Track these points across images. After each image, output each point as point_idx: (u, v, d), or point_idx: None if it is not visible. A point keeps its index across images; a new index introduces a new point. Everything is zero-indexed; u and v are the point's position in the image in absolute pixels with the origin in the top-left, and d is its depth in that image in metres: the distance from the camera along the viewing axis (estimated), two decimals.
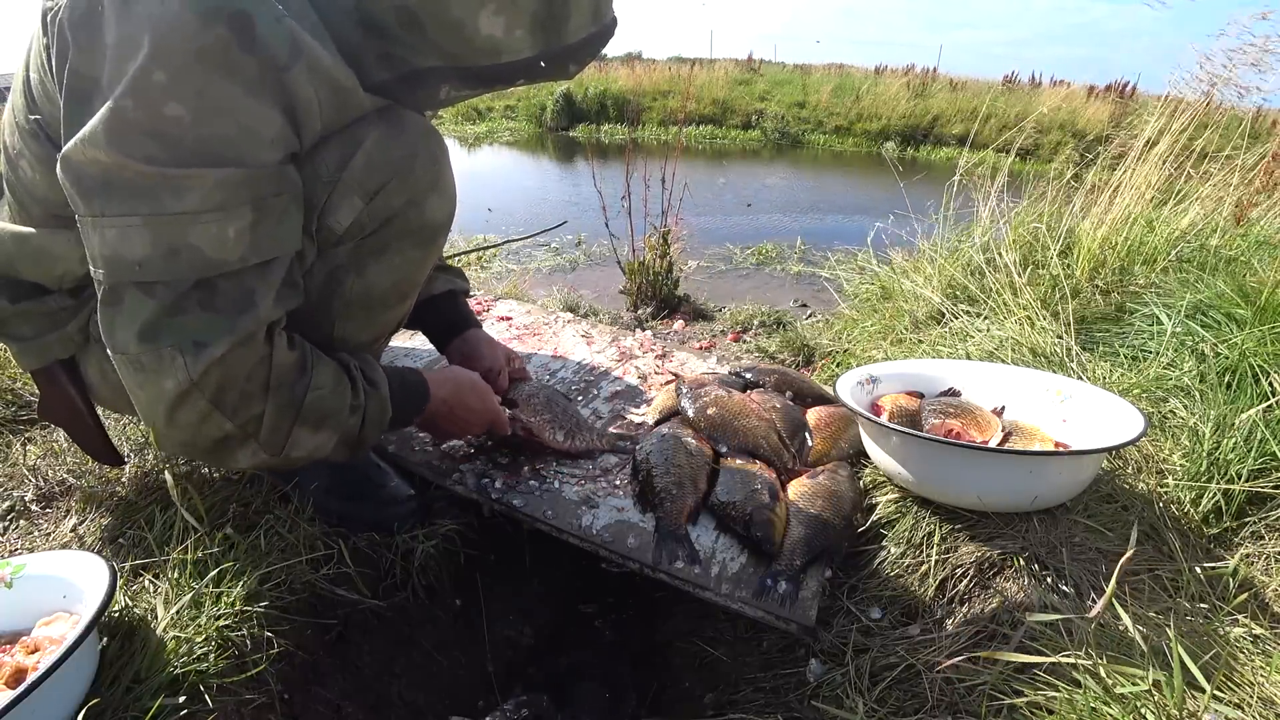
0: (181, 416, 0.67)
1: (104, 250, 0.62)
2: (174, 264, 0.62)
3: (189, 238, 0.62)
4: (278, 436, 0.73)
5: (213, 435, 0.70)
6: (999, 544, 0.93)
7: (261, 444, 0.73)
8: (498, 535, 1.19)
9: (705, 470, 1.10)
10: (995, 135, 3.82)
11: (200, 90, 0.60)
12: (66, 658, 0.59)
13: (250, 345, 0.68)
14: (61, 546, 0.90)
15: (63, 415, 0.92)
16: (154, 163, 0.60)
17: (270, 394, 0.71)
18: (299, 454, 0.76)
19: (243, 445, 0.72)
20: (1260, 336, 1.20)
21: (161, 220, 0.61)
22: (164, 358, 0.64)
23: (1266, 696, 0.66)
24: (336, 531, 0.99)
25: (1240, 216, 1.97)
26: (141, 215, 0.61)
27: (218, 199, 0.62)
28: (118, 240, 0.61)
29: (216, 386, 0.67)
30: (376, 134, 0.75)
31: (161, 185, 0.60)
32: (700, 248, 3.85)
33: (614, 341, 1.68)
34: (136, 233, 0.61)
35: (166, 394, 0.65)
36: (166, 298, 0.63)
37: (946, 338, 1.60)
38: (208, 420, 0.68)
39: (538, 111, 11.05)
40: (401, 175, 0.77)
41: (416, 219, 0.81)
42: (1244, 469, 1.00)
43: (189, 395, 0.66)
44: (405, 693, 1.01)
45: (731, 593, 0.92)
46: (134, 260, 0.62)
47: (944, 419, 1.08)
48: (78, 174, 0.61)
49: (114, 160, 0.59)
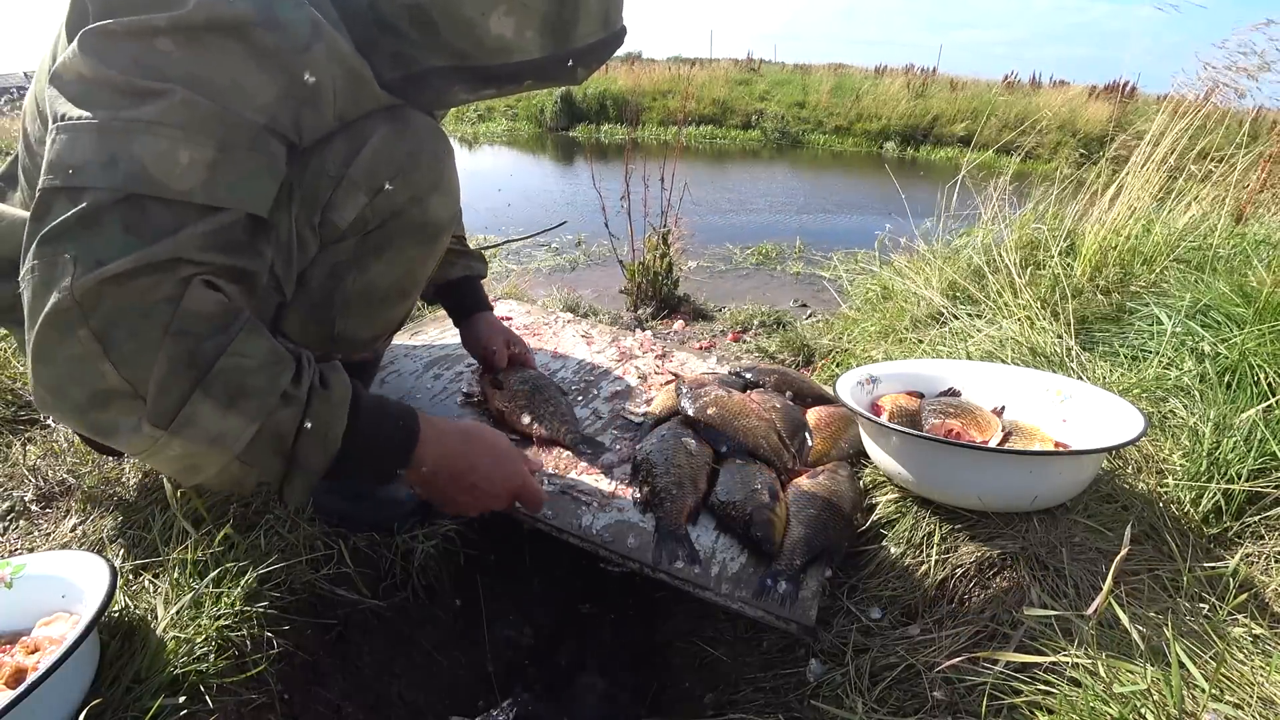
0: (54, 347, 0.55)
1: (50, 157, 0.56)
2: (109, 172, 0.55)
3: (133, 146, 0.55)
4: (167, 399, 0.57)
5: (91, 384, 0.56)
6: (999, 544, 0.93)
7: (149, 409, 0.57)
8: (498, 535, 1.19)
9: (705, 470, 1.10)
10: (995, 135, 3.83)
11: (194, 36, 0.58)
12: (66, 658, 0.59)
13: (156, 276, 0.57)
14: (61, 546, 0.90)
15: None
16: (127, 74, 0.56)
17: (166, 341, 0.57)
18: (193, 433, 0.58)
19: (126, 407, 0.57)
20: (1260, 336, 1.20)
21: (113, 125, 0.56)
22: (56, 265, 0.54)
23: (1266, 696, 0.66)
24: (336, 531, 0.99)
25: (1240, 216, 1.97)
26: (96, 120, 0.55)
27: (179, 116, 0.57)
28: (64, 145, 0.56)
29: (106, 315, 0.54)
30: (383, 131, 0.75)
31: (126, 93, 0.56)
32: (700, 248, 3.85)
33: (614, 341, 1.68)
34: (85, 136, 0.55)
35: (43, 312, 0.54)
36: (88, 205, 0.55)
37: (946, 338, 1.60)
38: (86, 361, 0.55)
39: (538, 112, 11.05)
40: (406, 172, 0.77)
41: (419, 216, 0.81)
42: (1244, 469, 1.00)
43: (68, 316, 0.54)
44: (405, 693, 1.01)
45: (731, 593, 0.92)
46: (70, 164, 0.55)
47: (944, 419, 1.08)
48: (58, 86, 0.57)
49: (92, 71, 0.56)
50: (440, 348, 1.57)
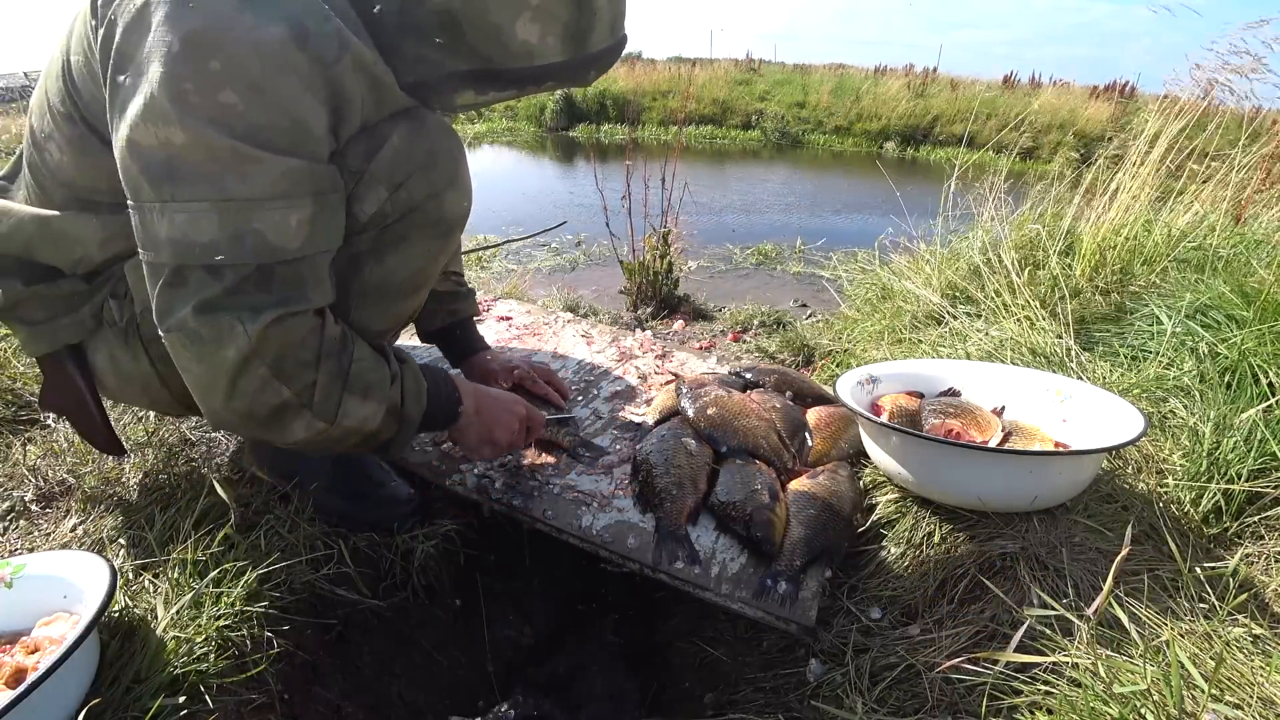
0: (243, 384, 0.69)
1: (172, 234, 0.63)
2: (239, 248, 0.64)
3: (254, 223, 0.64)
4: (330, 404, 0.75)
5: (271, 403, 0.71)
6: (999, 544, 0.93)
7: (315, 412, 0.74)
8: (498, 535, 1.19)
9: (705, 470, 1.10)
10: (995, 136, 3.82)
11: (254, 82, 0.62)
12: (66, 658, 0.60)
13: (301, 316, 0.70)
14: (61, 546, 0.90)
15: (67, 403, 0.91)
16: (212, 142, 0.62)
17: (321, 362, 0.73)
18: (350, 423, 0.77)
19: (298, 414, 0.73)
20: (1260, 336, 1.20)
21: (230, 205, 0.63)
22: (223, 327, 0.66)
23: (1266, 696, 0.66)
24: (336, 531, 0.99)
25: (1239, 216, 1.97)
26: (209, 200, 0.63)
27: (283, 187, 0.65)
28: (187, 224, 0.63)
29: (275, 353, 0.69)
30: (403, 129, 0.79)
31: (229, 169, 0.63)
32: (700, 248, 3.85)
33: (614, 341, 1.68)
34: (205, 217, 0.63)
35: (228, 363, 0.67)
36: (230, 280, 0.65)
37: (946, 338, 1.60)
38: (266, 387, 0.70)
39: (538, 112, 11.05)
40: (424, 169, 0.81)
41: (435, 211, 0.85)
42: (1244, 469, 1.00)
43: (250, 362, 0.67)
44: (405, 693, 1.01)
45: (731, 593, 0.92)
46: (202, 243, 0.63)
47: (944, 419, 1.08)
48: (144, 157, 0.62)
49: (189, 138, 0.61)
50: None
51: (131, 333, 0.83)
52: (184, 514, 0.91)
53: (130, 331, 0.83)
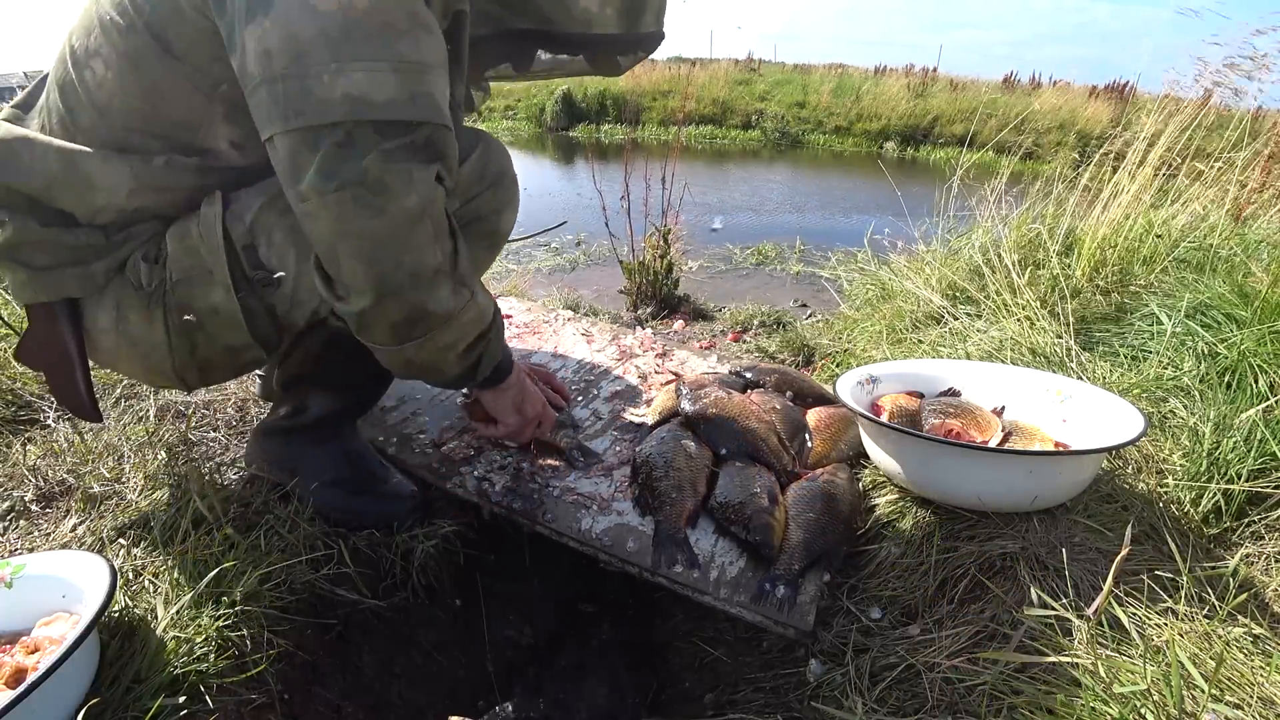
0: (417, 236, 0.71)
1: (349, 91, 0.64)
2: (414, 107, 0.67)
3: (425, 85, 0.67)
4: (469, 277, 0.79)
5: (433, 263, 0.73)
6: (999, 544, 0.93)
7: (458, 280, 0.77)
8: (498, 535, 1.19)
9: (705, 473, 1.10)
10: (996, 135, 3.82)
11: None
12: (66, 658, 0.59)
13: (443, 185, 0.73)
14: (61, 546, 0.90)
15: (49, 359, 0.86)
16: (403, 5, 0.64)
17: (456, 236, 0.77)
18: (482, 300, 0.82)
19: (447, 279, 0.76)
20: (1260, 336, 1.20)
21: (406, 66, 0.65)
22: (404, 174, 0.68)
23: (1266, 696, 0.66)
24: (336, 531, 0.99)
25: (1239, 216, 1.97)
26: (389, 61, 0.64)
27: (440, 56, 0.69)
28: (366, 83, 0.64)
29: (437, 211, 0.72)
30: (480, 149, 0.89)
31: (405, 34, 0.65)
32: (700, 248, 3.85)
33: (614, 340, 1.68)
34: (384, 77, 0.65)
35: (408, 211, 0.69)
36: (405, 136, 0.68)
37: (946, 338, 1.60)
38: (431, 245, 0.72)
39: (538, 112, 11.05)
40: (494, 188, 0.91)
41: (494, 224, 0.95)
42: (1244, 469, 1.00)
43: (425, 212, 0.70)
44: (405, 693, 1.01)
45: (730, 597, 0.92)
46: (380, 101, 0.65)
47: (944, 419, 1.08)
48: (322, 21, 0.62)
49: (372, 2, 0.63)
50: None
51: (156, 299, 0.81)
52: (184, 514, 0.91)
53: (155, 297, 0.81)
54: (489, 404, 1.06)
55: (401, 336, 0.78)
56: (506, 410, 1.05)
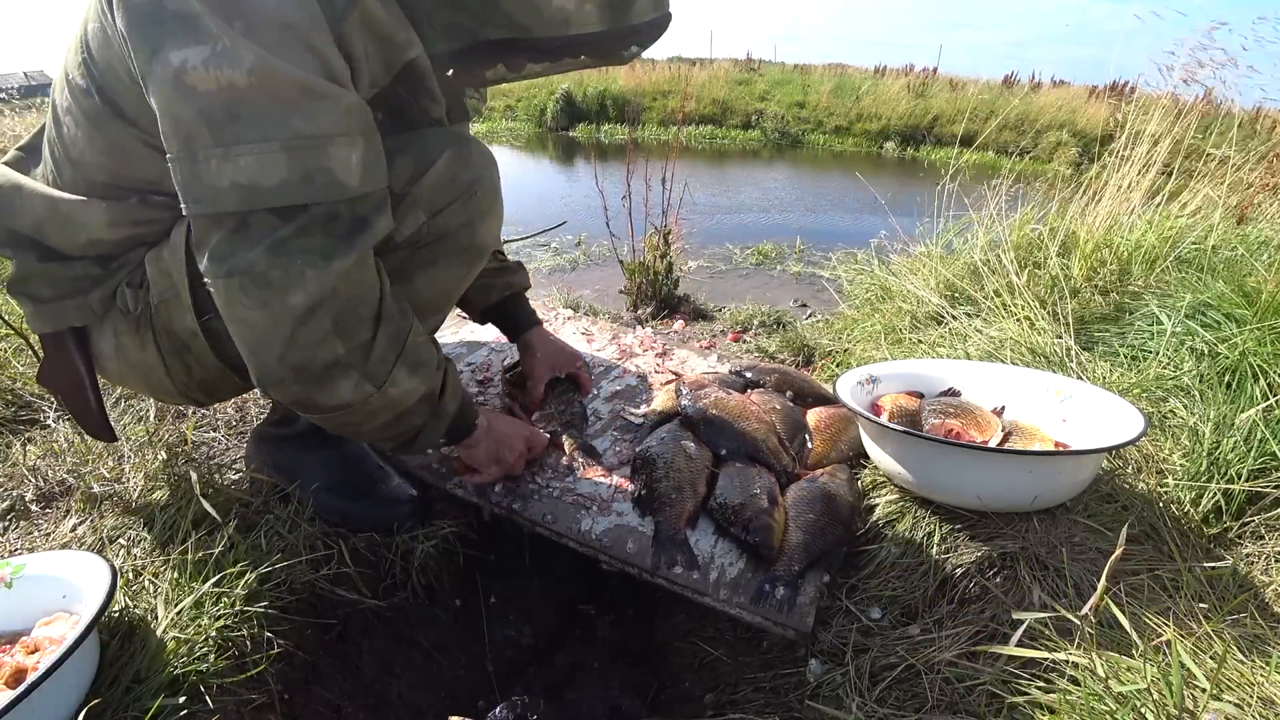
0: (303, 334, 0.67)
1: (237, 178, 0.61)
2: (310, 187, 0.63)
3: (323, 161, 0.63)
4: (383, 368, 0.74)
5: (326, 358, 0.70)
6: (999, 544, 0.93)
7: (366, 374, 0.73)
8: (498, 535, 1.19)
9: (705, 474, 1.10)
10: (995, 136, 3.82)
11: (288, 23, 0.60)
12: (66, 658, 0.60)
13: (366, 267, 0.69)
14: (61, 546, 0.90)
15: (63, 384, 0.90)
16: (293, 72, 0.60)
17: (381, 323, 0.72)
18: (396, 392, 0.76)
19: (348, 373, 0.72)
20: (1260, 336, 1.20)
21: (299, 143, 0.61)
22: (293, 271, 0.64)
23: (1266, 696, 0.66)
24: (336, 531, 0.99)
25: (1240, 217, 1.97)
26: (278, 140, 0.60)
27: (345, 123, 0.63)
28: (254, 167, 0.60)
29: (341, 304, 0.68)
30: (448, 155, 0.80)
31: (295, 107, 0.60)
32: (700, 248, 3.85)
33: (614, 339, 1.68)
34: (274, 158, 0.61)
35: (294, 309, 0.65)
36: (302, 221, 0.64)
37: (946, 338, 1.60)
38: (325, 342, 0.69)
39: (538, 112, 11.05)
40: (465, 198, 0.83)
41: (468, 239, 0.86)
42: (1244, 469, 1.00)
43: (315, 310, 0.66)
44: (405, 693, 1.01)
45: (729, 598, 0.92)
46: (271, 186, 0.61)
47: (944, 419, 1.08)
48: (202, 103, 0.59)
49: (253, 79, 0.58)
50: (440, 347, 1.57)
51: (144, 323, 0.82)
52: (184, 514, 0.91)
53: (143, 321, 0.82)
54: (463, 457, 1.03)
55: (297, 410, 0.76)
56: (483, 462, 1.03)
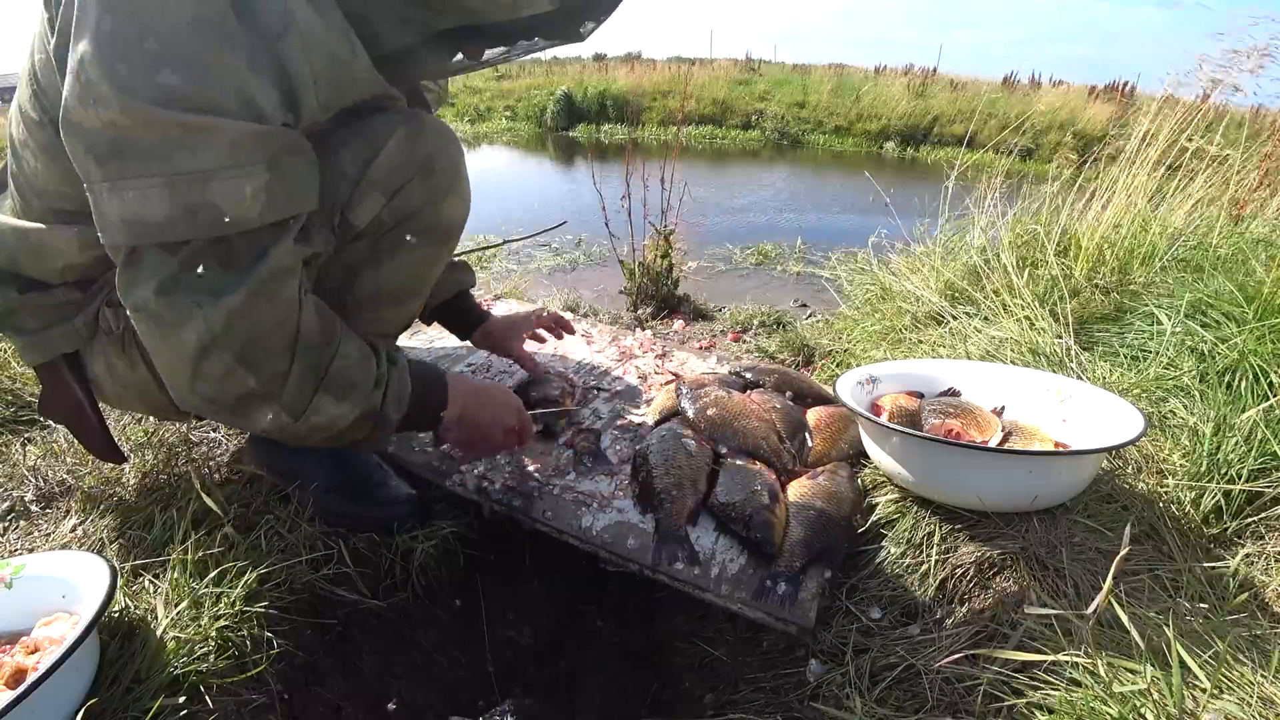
0: (205, 369, 0.67)
1: (124, 213, 0.61)
2: (193, 223, 0.61)
3: (207, 196, 0.61)
4: (301, 399, 0.72)
5: (235, 391, 0.69)
6: (999, 544, 0.93)
7: (284, 405, 0.72)
8: (498, 535, 1.19)
9: (705, 471, 1.10)
10: (995, 135, 3.82)
11: (193, 59, 0.58)
12: (66, 658, 0.60)
13: (270, 299, 0.67)
14: (61, 546, 0.90)
15: (65, 412, 0.91)
16: (169, 108, 0.58)
17: (296, 355, 0.71)
18: (320, 420, 0.74)
19: (264, 404, 0.71)
20: (1260, 335, 1.19)
21: (180, 179, 0.60)
22: (182, 310, 0.64)
23: (1266, 696, 0.66)
24: (336, 531, 0.99)
25: (1238, 215, 1.97)
26: (161, 176, 0.60)
27: (233, 157, 0.61)
28: (139, 202, 0.60)
29: (241, 339, 0.66)
30: (400, 134, 0.77)
31: (176, 144, 0.59)
32: (700, 248, 3.85)
33: (614, 341, 1.68)
34: (157, 193, 0.60)
35: (188, 347, 0.65)
36: (186, 256, 0.63)
37: (946, 338, 1.60)
38: (231, 375, 0.68)
39: (538, 112, 11.06)
40: (423, 175, 0.80)
41: (433, 218, 0.84)
42: (1244, 469, 1.00)
43: (211, 348, 0.65)
44: (405, 693, 1.01)
45: (731, 594, 0.92)
46: (155, 221, 0.61)
47: (944, 419, 1.08)
48: (88, 139, 0.59)
49: (126, 118, 0.57)
50: (439, 348, 1.57)
51: (128, 340, 0.82)
52: (184, 514, 0.91)
53: (127, 339, 0.82)
54: (449, 440, 0.98)
55: (241, 428, 0.77)
56: (466, 446, 1.00)
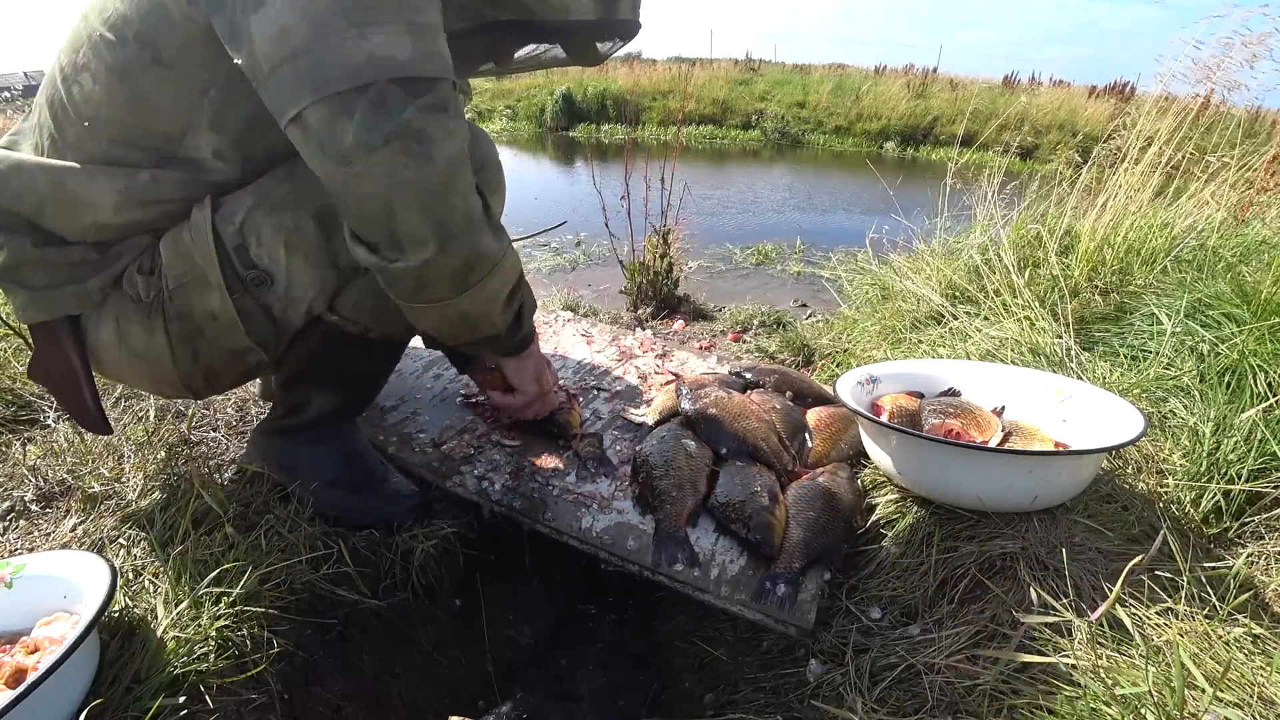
0: (464, 182, 0.73)
1: (374, 52, 0.65)
2: (432, 64, 0.68)
3: (437, 45, 0.69)
4: (502, 233, 0.82)
5: (477, 206, 0.76)
6: (999, 544, 0.92)
7: (493, 229, 0.80)
8: (498, 535, 1.19)
9: (705, 472, 1.10)
10: (995, 135, 3.82)
11: None
12: (66, 658, 0.59)
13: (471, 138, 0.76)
14: (61, 546, 0.90)
15: (56, 377, 0.88)
16: None
17: (492, 195, 0.82)
18: (507, 262, 0.84)
19: (485, 225, 0.78)
20: (1260, 336, 1.19)
21: (418, 27, 0.67)
22: (444, 127, 0.70)
23: (1266, 696, 0.66)
24: (336, 531, 0.99)
25: (1240, 216, 1.96)
26: (402, 22, 0.66)
27: (440, 20, 0.70)
28: (387, 44, 0.65)
29: (473, 162, 0.75)
30: None
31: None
32: (700, 248, 3.85)
33: (614, 341, 1.68)
34: (401, 38, 0.66)
35: (453, 157, 0.71)
36: (430, 93, 0.69)
37: (946, 338, 1.60)
38: (472, 191, 0.75)
39: (538, 112, 11.05)
40: (482, 171, 0.87)
41: None
42: (1244, 469, 1.00)
43: (464, 161, 0.73)
44: (405, 693, 1.01)
45: (730, 595, 0.92)
46: (402, 59, 0.66)
47: (944, 419, 1.08)
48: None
49: None
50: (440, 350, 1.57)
51: (156, 309, 0.82)
52: (184, 514, 0.91)
53: (155, 308, 0.82)
54: (512, 372, 1.08)
55: (459, 285, 0.79)
56: (528, 379, 1.08)
